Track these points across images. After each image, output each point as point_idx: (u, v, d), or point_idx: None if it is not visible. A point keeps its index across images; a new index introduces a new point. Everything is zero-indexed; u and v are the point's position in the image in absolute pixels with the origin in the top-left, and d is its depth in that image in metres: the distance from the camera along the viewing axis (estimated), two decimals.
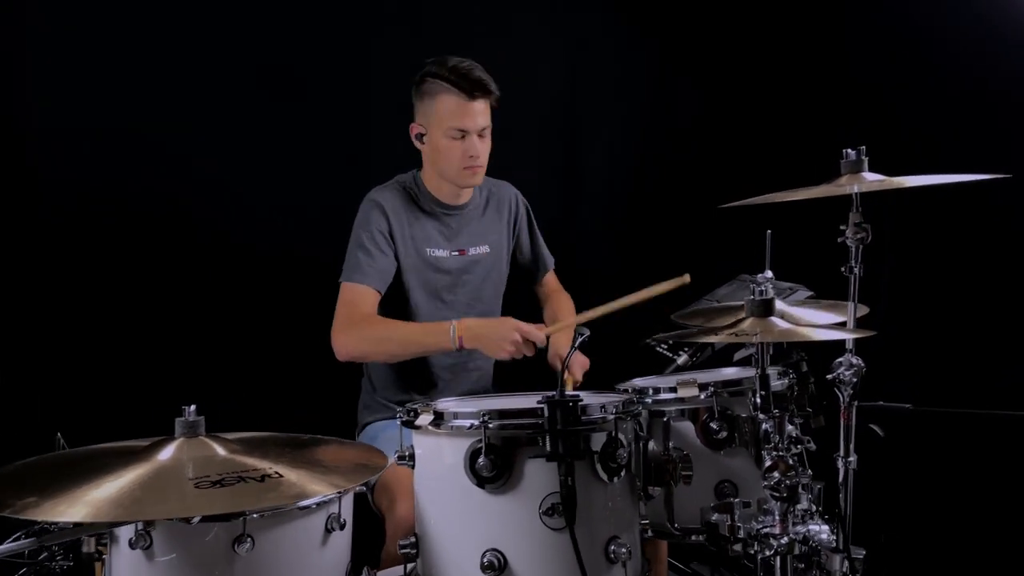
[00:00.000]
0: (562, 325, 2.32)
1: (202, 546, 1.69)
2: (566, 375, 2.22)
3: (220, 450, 1.64)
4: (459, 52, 2.38)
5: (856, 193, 1.94)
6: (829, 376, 1.92)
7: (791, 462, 1.52)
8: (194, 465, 1.58)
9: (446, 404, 1.69)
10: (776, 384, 1.86)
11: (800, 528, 1.54)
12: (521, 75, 3.27)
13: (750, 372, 1.97)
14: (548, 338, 2.20)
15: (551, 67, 3.54)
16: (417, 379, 2.46)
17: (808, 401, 1.92)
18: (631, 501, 1.63)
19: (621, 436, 1.57)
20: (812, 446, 1.74)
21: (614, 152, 3.69)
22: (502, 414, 1.52)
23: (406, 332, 2.29)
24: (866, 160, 1.95)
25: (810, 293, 2.74)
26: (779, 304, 2.34)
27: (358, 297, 2.30)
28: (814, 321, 2.25)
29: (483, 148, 2.38)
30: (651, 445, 1.64)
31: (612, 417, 1.55)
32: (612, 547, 1.55)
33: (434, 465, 1.60)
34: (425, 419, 1.58)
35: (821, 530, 1.59)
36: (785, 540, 1.52)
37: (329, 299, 2.32)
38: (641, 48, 3.67)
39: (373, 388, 2.53)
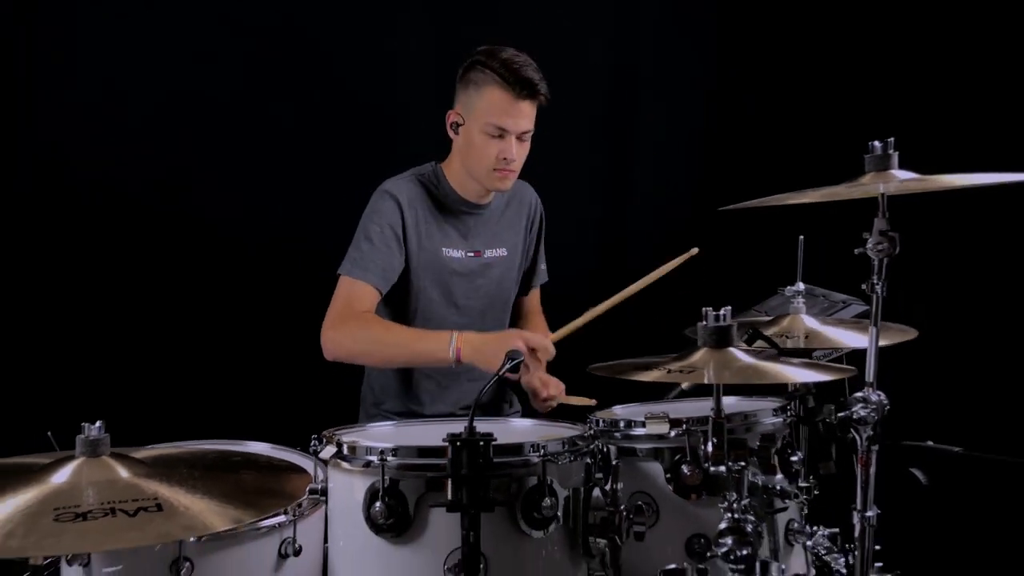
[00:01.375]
0: (571, 328, 2.10)
1: (139, 569, 1.63)
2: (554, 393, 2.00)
3: (121, 472, 1.49)
4: (497, 39, 2.19)
5: (882, 195, 1.62)
6: (841, 414, 1.60)
7: (749, 528, 1.23)
8: (91, 490, 1.44)
9: (360, 434, 1.48)
10: (770, 422, 1.57)
11: None
12: (568, 70, 3.04)
13: (750, 405, 1.68)
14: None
15: (600, 61, 3.36)
16: (421, 388, 2.28)
17: (818, 445, 1.60)
18: (569, 559, 1.38)
19: (553, 481, 1.33)
20: (798, 498, 1.44)
21: (668, 151, 3.44)
22: (406, 452, 1.31)
23: (401, 337, 2.10)
24: (895, 155, 1.62)
25: (865, 308, 2.42)
26: (809, 321, 2.06)
27: (356, 294, 2.12)
28: (845, 343, 1.93)
29: (520, 152, 2.16)
30: (596, 492, 1.38)
31: (539, 460, 1.31)
32: None
33: (340, 503, 1.41)
34: (329, 451, 1.39)
35: None
36: None
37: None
38: (700, 43, 3.43)
39: (373, 396, 2.36)
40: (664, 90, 3.39)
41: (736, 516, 1.24)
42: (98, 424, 1.52)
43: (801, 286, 2.08)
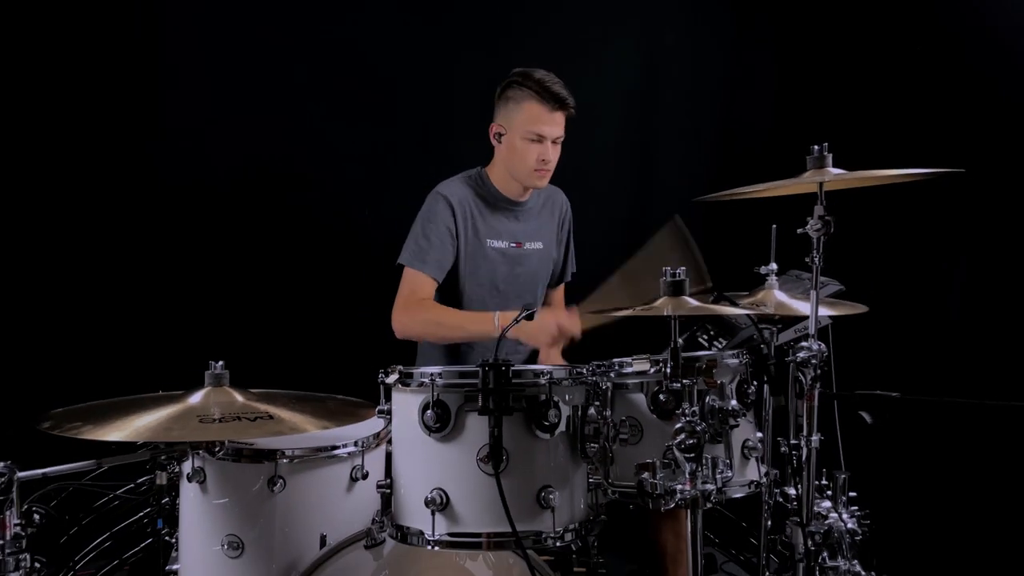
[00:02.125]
0: (600, 318, 2.50)
1: (243, 483, 2.09)
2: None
3: (238, 397, 2.00)
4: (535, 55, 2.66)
5: (820, 186, 2.06)
6: (787, 359, 2.05)
7: (698, 428, 1.68)
8: (217, 407, 1.93)
9: (414, 368, 1.95)
10: (730, 363, 2.02)
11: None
12: (597, 89, 3.58)
13: (718, 352, 2.14)
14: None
15: (626, 73, 3.79)
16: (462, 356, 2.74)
17: (765, 382, 2.06)
18: (571, 458, 1.84)
19: (557, 398, 1.79)
20: (742, 415, 1.88)
21: (688, 155, 3.85)
22: (448, 375, 1.79)
23: (455, 319, 2.56)
24: (830, 156, 2.06)
25: (839, 288, 2.82)
26: (780, 296, 2.49)
27: (418, 283, 2.58)
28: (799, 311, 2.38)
29: (554, 155, 2.62)
30: (591, 410, 1.84)
31: (545, 382, 1.78)
32: (543, 494, 1.77)
33: (401, 417, 1.89)
34: (393, 377, 1.88)
35: None
36: (690, 493, 1.70)
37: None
38: (713, 57, 3.82)
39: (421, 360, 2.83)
40: (680, 101, 3.79)
41: (688, 419, 1.70)
42: (220, 362, 2.03)
43: (774, 266, 2.51)
